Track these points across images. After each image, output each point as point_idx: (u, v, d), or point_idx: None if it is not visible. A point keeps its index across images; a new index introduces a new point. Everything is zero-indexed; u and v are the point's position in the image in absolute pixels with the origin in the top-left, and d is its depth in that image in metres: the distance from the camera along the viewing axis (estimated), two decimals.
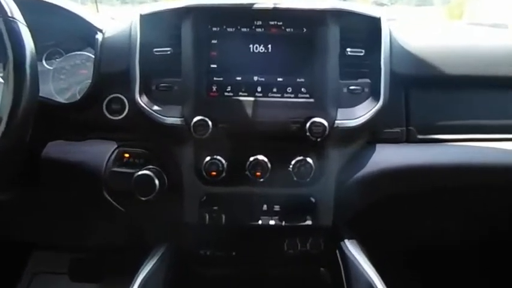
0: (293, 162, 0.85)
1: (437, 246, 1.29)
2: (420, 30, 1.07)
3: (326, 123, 0.82)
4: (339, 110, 0.86)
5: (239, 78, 0.86)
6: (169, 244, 0.95)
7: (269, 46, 0.86)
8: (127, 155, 0.91)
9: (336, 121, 0.85)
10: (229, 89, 0.86)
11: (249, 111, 0.85)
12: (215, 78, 0.86)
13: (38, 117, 0.71)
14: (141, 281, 0.86)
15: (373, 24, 0.88)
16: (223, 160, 0.86)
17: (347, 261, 0.90)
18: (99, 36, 0.91)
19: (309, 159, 0.85)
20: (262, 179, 0.85)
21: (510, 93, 0.95)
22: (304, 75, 0.86)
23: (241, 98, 0.86)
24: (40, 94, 0.74)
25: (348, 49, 0.87)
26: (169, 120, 0.86)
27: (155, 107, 0.86)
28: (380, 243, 1.03)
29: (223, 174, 0.86)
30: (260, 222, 0.89)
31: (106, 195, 0.91)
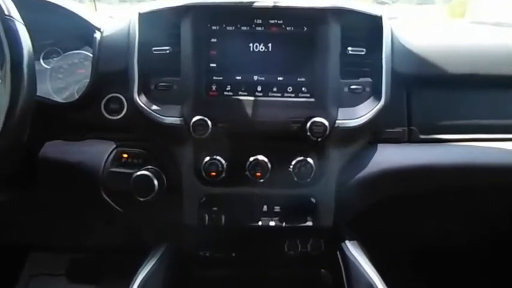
0: (293, 162, 0.85)
1: (439, 246, 1.29)
2: (422, 29, 1.07)
3: (327, 123, 0.82)
4: (340, 110, 0.86)
5: (239, 77, 0.86)
6: (168, 245, 0.95)
7: (269, 45, 0.85)
8: (125, 155, 0.90)
9: (337, 121, 0.85)
10: (229, 89, 0.86)
11: (249, 110, 0.84)
12: (215, 77, 0.86)
13: (36, 116, 0.71)
14: (140, 282, 0.85)
15: (374, 22, 0.87)
16: (222, 160, 0.85)
17: (348, 262, 0.90)
18: (97, 35, 0.90)
19: (310, 159, 0.85)
20: (262, 180, 0.85)
21: None
22: (304, 74, 0.85)
23: (241, 98, 0.85)
24: (38, 93, 0.74)
25: (349, 48, 0.87)
26: (168, 120, 0.85)
27: (154, 107, 0.86)
28: (381, 244, 1.03)
29: (222, 174, 0.85)
30: (260, 223, 0.89)
31: (104, 195, 0.91)
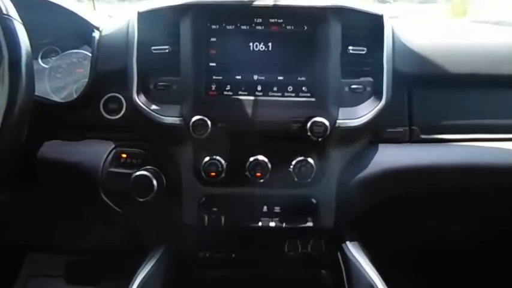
0: (294, 162, 0.84)
1: (440, 247, 1.28)
2: (423, 28, 1.07)
3: (327, 122, 0.81)
4: (341, 110, 0.85)
5: (239, 77, 0.85)
6: (167, 246, 0.94)
7: (269, 44, 0.85)
8: (124, 155, 0.90)
9: (338, 121, 0.84)
10: (228, 88, 0.85)
11: (249, 110, 0.84)
12: (214, 77, 0.85)
13: (34, 116, 0.70)
14: (139, 283, 0.85)
15: (375, 21, 0.87)
16: (222, 160, 0.85)
17: (349, 263, 0.89)
18: (96, 34, 0.90)
19: (310, 159, 0.84)
20: (262, 180, 0.84)
21: None
22: (305, 73, 0.85)
23: (241, 97, 0.84)
24: (36, 93, 0.74)
25: (350, 47, 0.86)
26: (167, 119, 0.85)
27: (153, 107, 0.85)
28: (382, 244, 1.02)
29: (222, 174, 0.85)
30: (260, 224, 0.88)
31: (103, 196, 0.91)
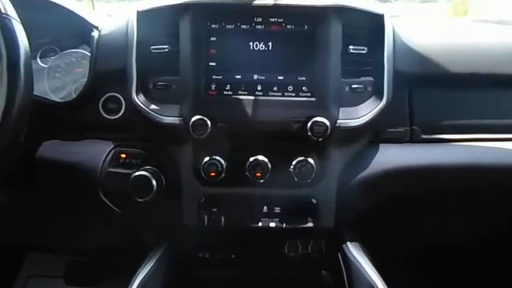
0: (294, 162, 0.84)
1: (440, 247, 1.28)
2: (424, 27, 1.06)
3: (328, 122, 0.81)
4: (341, 109, 0.85)
5: (239, 76, 0.85)
6: (167, 246, 0.94)
7: (269, 44, 0.85)
8: (123, 155, 0.89)
9: (338, 120, 0.84)
10: (228, 88, 0.85)
11: (249, 110, 0.83)
12: (214, 76, 0.85)
13: (33, 116, 0.70)
14: (139, 284, 0.85)
15: (376, 21, 0.86)
16: (222, 160, 0.84)
17: (349, 263, 0.89)
18: (95, 33, 0.89)
19: (310, 159, 0.84)
20: (262, 180, 0.84)
21: None
22: (305, 73, 0.85)
23: (240, 97, 0.84)
24: (34, 93, 0.74)
25: (351, 47, 0.86)
26: (167, 119, 0.84)
27: (152, 106, 0.85)
28: (382, 244, 1.02)
29: (222, 174, 0.84)
30: (260, 224, 0.88)
31: (102, 196, 0.90)
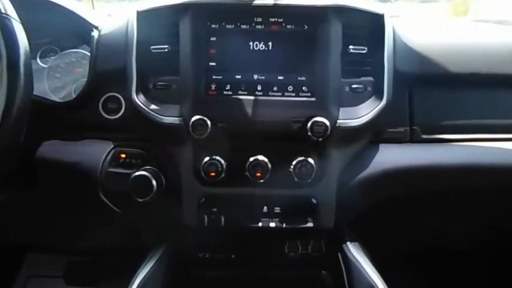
0: (294, 162, 0.84)
1: (440, 247, 1.28)
2: (424, 27, 1.06)
3: (328, 122, 0.81)
4: (341, 109, 0.85)
5: (239, 76, 0.85)
6: (167, 246, 0.94)
7: (269, 43, 0.84)
8: (123, 155, 0.89)
9: (338, 120, 0.84)
10: (228, 88, 0.85)
11: (249, 110, 0.83)
12: (214, 76, 0.85)
13: (32, 116, 0.70)
14: (139, 284, 0.85)
15: (376, 21, 0.86)
16: (222, 160, 0.84)
17: (349, 263, 0.89)
18: (95, 33, 0.89)
19: (310, 159, 0.84)
20: (262, 180, 0.84)
21: None
22: (305, 73, 0.85)
23: (240, 97, 0.84)
24: (34, 93, 0.74)
25: (351, 46, 0.86)
26: (167, 119, 0.84)
27: (152, 106, 0.85)
28: (382, 244, 1.02)
29: (222, 174, 0.84)
30: (260, 224, 0.88)
31: (102, 196, 0.90)
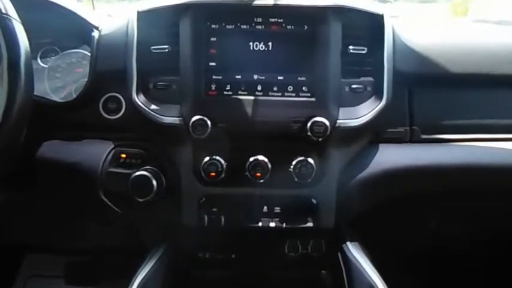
0: (294, 162, 0.84)
1: (441, 247, 1.28)
2: (424, 27, 1.06)
3: (328, 122, 0.81)
4: (341, 109, 0.85)
5: (239, 76, 0.85)
6: (167, 246, 0.94)
7: (269, 44, 0.85)
8: (124, 155, 0.89)
9: (338, 120, 0.84)
10: (228, 88, 0.85)
11: (249, 110, 0.83)
12: (214, 76, 0.85)
13: (33, 116, 0.70)
14: (139, 284, 0.85)
15: (375, 21, 0.86)
16: (222, 160, 0.84)
17: (349, 264, 0.89)
18: (95, 33, 0.89)
19: (310, 159, 0.84)
20: (262, 180, 0.84)
21: None
22: (305, 73, 0.85)
23: (240, 97, 0.84)
24: (35, 93, 0.74)
25: (350, 47, 0.86)
26: (167, 119, 0.84)
27: (153, 106, 0.85)
28: (383, 244, 1.02)
29: (222, 175, 0.84)
30: (260, 224, 0.88)
31: (102, 196, 0.90)
